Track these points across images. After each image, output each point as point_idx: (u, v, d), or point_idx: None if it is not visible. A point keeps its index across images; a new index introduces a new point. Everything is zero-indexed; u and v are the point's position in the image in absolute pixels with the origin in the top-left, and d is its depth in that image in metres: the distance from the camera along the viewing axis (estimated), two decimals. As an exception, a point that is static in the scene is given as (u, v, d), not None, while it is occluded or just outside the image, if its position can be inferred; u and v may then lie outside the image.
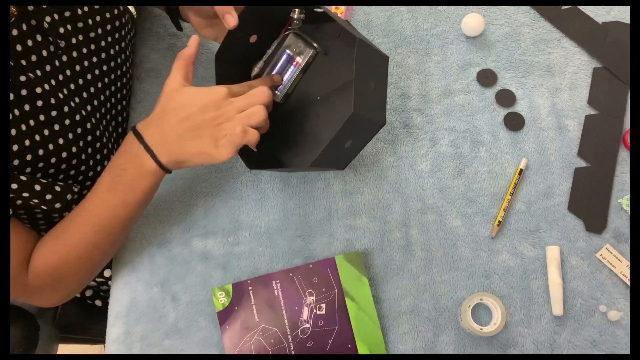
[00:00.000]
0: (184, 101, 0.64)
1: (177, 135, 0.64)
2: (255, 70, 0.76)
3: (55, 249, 0.68)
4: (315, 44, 0.76)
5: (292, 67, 0.77)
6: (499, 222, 0.78)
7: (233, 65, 0.74)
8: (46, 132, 0.69)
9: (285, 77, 0.77)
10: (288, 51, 0.77)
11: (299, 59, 0.76)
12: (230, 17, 0.67)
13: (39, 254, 0.68)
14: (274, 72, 0.77)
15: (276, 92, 0.77)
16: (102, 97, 0.79)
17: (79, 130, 0.73)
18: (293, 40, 0.77)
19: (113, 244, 0.72)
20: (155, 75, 0.90)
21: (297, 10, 0.73)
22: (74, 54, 0.73)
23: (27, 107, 0.66)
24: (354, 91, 0.62)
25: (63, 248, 0.68)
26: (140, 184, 0.67)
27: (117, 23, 0.79)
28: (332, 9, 0.91)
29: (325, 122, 0.76)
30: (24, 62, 0.66)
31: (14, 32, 0.65)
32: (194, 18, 0.76)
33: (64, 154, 0.71)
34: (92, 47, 0.76)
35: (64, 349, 1.02)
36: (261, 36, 0.75)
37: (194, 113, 0.63)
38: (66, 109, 0.71)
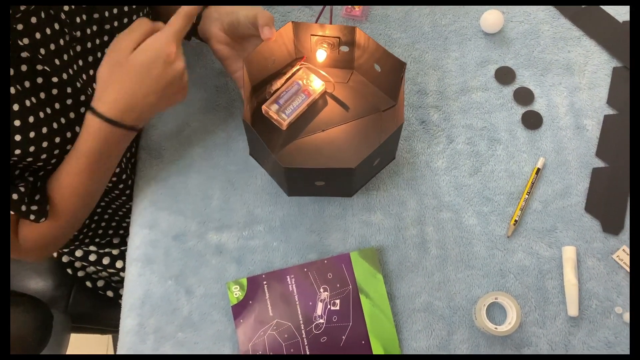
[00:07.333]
0: (138, 68, 0.65)
1: (145, 100, 0.67)
2: (276, 85, 0.80)
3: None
4: (330, 78, 0.81)
5: (301, 97, 0.80)
6: (515, 221, 0.78)
7: (253, 74, 0.78)
8: (62, 119, 0.69)
9: (294, 105, 0.80)
10: (299, 82, 0.81)
11: (310, 90, 0.80)
12: (268, 29, 0.70)
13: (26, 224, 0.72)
14: (283, 97, 0.80)
15: (284, 115, 0.80)
16: None
17: None
18: (305, 73, 0.81)
19: (93, 198, 0.77)
20: (171, 67, 0.89)
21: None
22: (88, 44, 0.73)
23: (42, 95, 0.67)
24: (402, 112, 0.70)
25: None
26: (119, 150, 0.72)
27: (134, 17, 0.78)
28: (349, 7, 0.90)
29: (350, 148, 0.79)
30: (42, 51, 0.66)
31: (33, 19, 0.65)
32: (218, 32, 0.75)
33: None
34: (106, 38, 0.75)
35: (75, 337, 1.02)
36: (277, 63, 0.80)
37: (157, 78, 0.66)
38: (82, 97, 0.71)
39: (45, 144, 0.67)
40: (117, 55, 0.65)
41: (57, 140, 0.68)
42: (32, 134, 0.65)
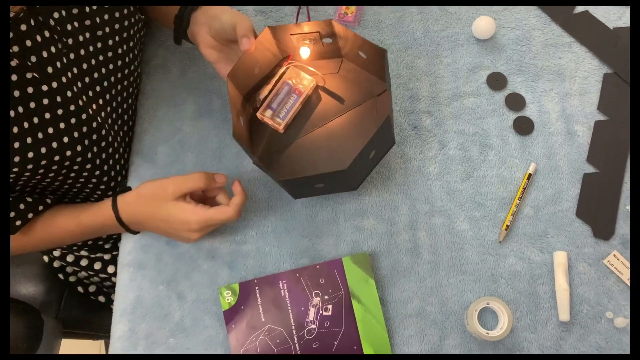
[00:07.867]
0: (167, 215, 0.72)
1: (152, 229, 0.77)
2: (264, 93, 0.79)
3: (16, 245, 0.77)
4: (318, 72, 0.81)
5: (293, 97, 0.80)
6: (507, 226, 0.78)
7: (241, 84, 0.78)
8: (50, 130, 0.68)
9: (288, 107, 0.80)
10: (289, 82, 0.80)
11: (300, 89, 0.80)
12: (247, 40, 0.70)
13: None
14: (276, 101, 0.79)
15: (279, 119, 0.79)
16: (107, 96, 0.79)
17: (84, 129, 0.73)
18: (294, 72, 0.81)
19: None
20: (163, 72, 0.89)
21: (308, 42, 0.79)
22: (82, 52, 0.73)
23: (32, 105, 0.66)
24: (390, 98, 0.69)
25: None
26: (107, 234, 0.81)
27: (125, 22, 0.78)
28: (343, 9, 0.91)
29: (349, 139, 0.78)
30: (33, 59, 0.65)
31: (23, 27, 0.64)
32: (205, 36, 0.75)
33: (68, 152, 0.71)
34: (99, 45, 0.75)
35: (66, 343, 1.02)
36: (264, 68, 0.80)
37: (171, 229, 0.74)
38: (72, 107, 0.71)
39: (30, 155, 0.66)
40: (164, 192, 0.72)
41: (44, 150, 0.68)
42: (16, 145, 0.65)
